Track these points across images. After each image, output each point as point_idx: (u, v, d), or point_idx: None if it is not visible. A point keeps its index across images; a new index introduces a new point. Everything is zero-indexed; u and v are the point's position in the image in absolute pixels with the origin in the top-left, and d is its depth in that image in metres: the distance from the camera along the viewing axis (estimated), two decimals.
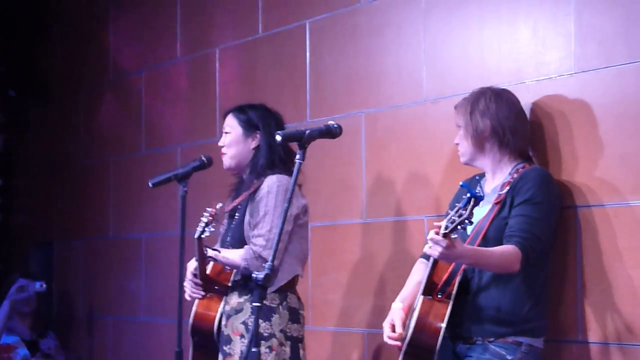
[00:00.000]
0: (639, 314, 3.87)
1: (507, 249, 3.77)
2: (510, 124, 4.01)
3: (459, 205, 3.48)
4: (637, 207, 3.89)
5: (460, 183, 3.74)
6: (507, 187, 3.92)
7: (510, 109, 4.04)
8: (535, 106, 4.24)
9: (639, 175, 3.90)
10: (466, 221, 3.45)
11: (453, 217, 3.48)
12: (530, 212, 3.83)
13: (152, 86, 6.81)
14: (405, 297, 4.13)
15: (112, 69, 7.22)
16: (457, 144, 4.12)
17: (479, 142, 4.04)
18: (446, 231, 3.50)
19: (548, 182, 3.95)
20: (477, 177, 4.19)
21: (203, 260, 4.45)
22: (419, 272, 4.17)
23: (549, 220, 3.90)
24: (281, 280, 4.39)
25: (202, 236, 4.37)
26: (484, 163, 4.08)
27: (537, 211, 3.84)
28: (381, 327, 4.95)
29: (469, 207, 3.44)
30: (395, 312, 4.05)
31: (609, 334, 3.95)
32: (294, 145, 3.95)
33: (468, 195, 3.45)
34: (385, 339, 4.02)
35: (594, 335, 4.01)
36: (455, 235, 3.53)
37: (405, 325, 4.00)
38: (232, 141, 4.60)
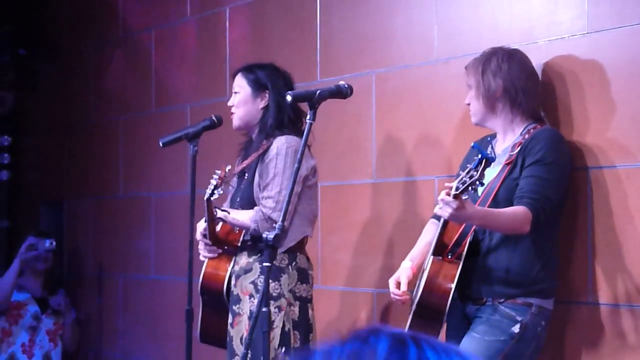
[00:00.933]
0: None
1: (517, 210, 3.76)
2: (522, 84, 4.00)
3: (470, 166, 3.47)
4: None
5: (472, 144, 3.72)
6: (518, 148, 3.91)
7: (522, 69, 4.02)
8: (547, 66, 4.22)
9: None
10: (477, 182, 3.45)
11: (464, 178, 3.47)
12: (540, 173, 3.82)
13: (162, 45, 6.79)
14: (414, 257, 4.13)
15: (121, 28, 7.20)
16: (468, 104, 4.10)
17: (490, 102, 4.02)
18: (457, 192, 3.50)
19: (559, 143, 3.94)
20: (489, 138, 4.17)
21: (212, 221, 4.45)
22: (430, 232, 4.17)
23: (560, 181, 3.89)
24: (291, 241, 4.40)
25: (212, 198, 4.37)
26: (495, 123, 4.06)
27: (548, 172, 3.83)
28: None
29: (480, 169, 3.43)
30: (403, 271, 4.05)
31: (619, 295, 3.95)
32: (303, 105, 3.93)
33: (479, 156, 3.44)
34: (391, 295, 4.03)
35: (604, 296, 4.01)
36: (466, 196, 3.53)
37: (411, 285, 4.01)
38: (241, 101, 4.59)
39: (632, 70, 3.96)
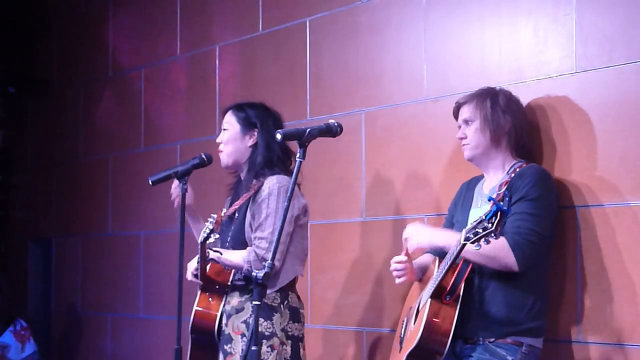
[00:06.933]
0: (638, 314, 3.86)
1: (496, 242, 3.76)
2: (524, 125, 4.05)
3: (482, 216, 3.45)
4: (637, 207, 3.89)
5: (487, 197, 3.69)
6: (505, 187, 3.91)
7: (523, 110, 4.10)
8: (535, 105, 4.24)
9: (639, 175, 3.90)
10: (492, 235, 3.43)
11: (476, 229, 3.45)
12: (525, 209, 3.82)
13: (152, 83, 6.81)
14: (413, 263, 4.16)
15: (111, 66, 7.22)
16: (462, 139, 4.09)
17: (497, 137, 4.03)
18: (467, 242, 3.49)
19: (545, 179, 3.94)
20: (474, 181, 4.19)
21: (205, 262, 4.44)
22: (425, 258, 4.23)
23: (546, 216, 3.87)
24: (283, 281, 4.38)
25: (207, 242, 4.35)
26: (491, 160, 4.05)
27: (533, 207, 3.83)
28: (380, 326, 4.97)
29: (495, 221, 3.41)
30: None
31: (609, 335, 3.95)
32: (292, 144, 3.92)
33: (493, 207, 3.42)
34: (393, 265, 4.10)
35: (593, 335, 4.00)
36: (478, 247, 3.51)
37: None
38: (230, 138, 4.59)
39: (620, 110, 3.98)
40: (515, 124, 4.05)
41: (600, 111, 4.04)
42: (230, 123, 4.61)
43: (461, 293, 3.80)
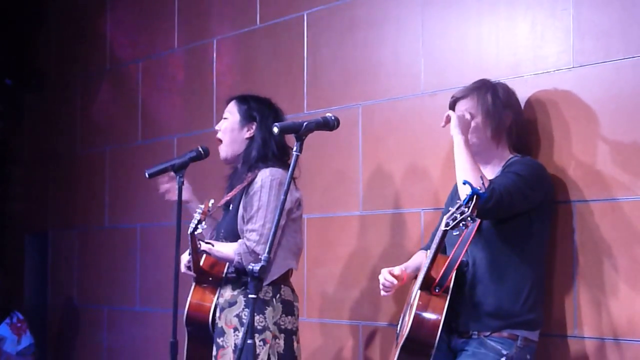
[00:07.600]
0: (634, 309, 3.87)
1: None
2: (523, 119, 4.05)
3: (460, 202, 3.47)
4: (634, 202, 3.89)
5: (462, 180, 3.69)
6: None
7: (520, 103, 4.08)
8: (532, 100, 4.24)
9: (635, 170, 3.90)
10: (469, 219, 3.43)
11: (455, 214, 3.47)
12: (507, 174, 3.83)
13: (149, 76, 6.80)
14: (407, 266, 4.15)
15: (109, 59, 7.21)
16: None
17: (498, 134, 4.02)
18: (447, 228, 3.50)
19: (537, 169, 3.94)
20: None
21: (196, 253, 4.44)
22: (420, 256, 4.21)
23: (524, 191, 3.83)
24: (274, 274, 4.37)
25: (195, 232, 4.34)
26: (491, 154, 4.04)
27: (515, 177, 3.81)
28: (376, 320, 4.97)
29: (471, 205, 3.42)
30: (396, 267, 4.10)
31: (605, 329, 3.95)
32: (289, 140, 3.91)
33: (470, 192, 3.43)
34: (381, 282, 4.07)
35: (589, 330, 4.01)
36: (457, 232, 3.52)
37: (400, 279, 4.05)
38: (227, 128, 4.59)
39: (617, 105, 3.98)
40: (515, 119, 4.04)
41: (597, 106, 4.04)
42: (232, 112, 4.62)
43: (451, 285, 3.78)
